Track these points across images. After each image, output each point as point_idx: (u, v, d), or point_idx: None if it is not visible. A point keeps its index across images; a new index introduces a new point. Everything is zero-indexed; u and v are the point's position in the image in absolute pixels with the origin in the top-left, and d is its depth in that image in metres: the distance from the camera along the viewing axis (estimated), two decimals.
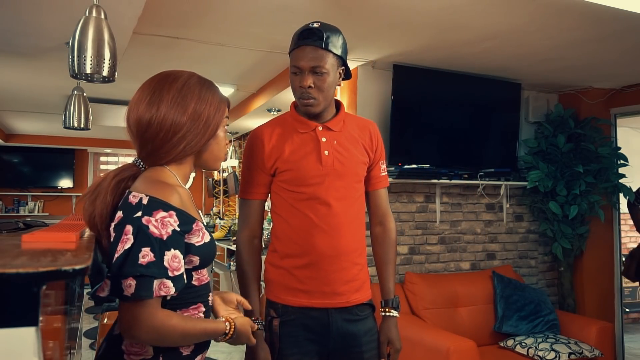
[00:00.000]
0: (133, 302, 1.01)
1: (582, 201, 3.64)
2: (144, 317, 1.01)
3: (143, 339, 1.03)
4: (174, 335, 1.06)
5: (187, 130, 1.12)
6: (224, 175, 7.02)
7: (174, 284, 1.04)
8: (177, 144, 1.13)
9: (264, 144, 1.57)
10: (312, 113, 1.54)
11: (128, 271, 1.00)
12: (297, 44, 1.51)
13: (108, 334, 1.17)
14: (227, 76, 3.91)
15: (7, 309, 0.78)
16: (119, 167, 1.19)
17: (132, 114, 1.15)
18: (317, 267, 1.52)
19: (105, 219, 1.13)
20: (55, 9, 2.33)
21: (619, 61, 3.18)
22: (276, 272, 1.58)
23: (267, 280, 1.62)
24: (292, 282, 1.54)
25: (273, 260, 1.60)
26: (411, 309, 3.22)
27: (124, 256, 1.01)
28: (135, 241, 1.01)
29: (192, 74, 1.19)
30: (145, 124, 1.12)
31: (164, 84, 1.15)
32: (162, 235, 1.03)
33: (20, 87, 4.17)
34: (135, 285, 1.00)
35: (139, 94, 1.16)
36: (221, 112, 1.19)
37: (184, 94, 1.13)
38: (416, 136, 3.45)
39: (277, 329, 1.52)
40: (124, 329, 1.03)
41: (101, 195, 1.13)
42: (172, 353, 1.11)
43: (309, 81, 1.48)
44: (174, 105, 1.12)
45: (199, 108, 1.14)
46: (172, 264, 1.04)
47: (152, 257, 1.01)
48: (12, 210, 7.44)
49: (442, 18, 2.49)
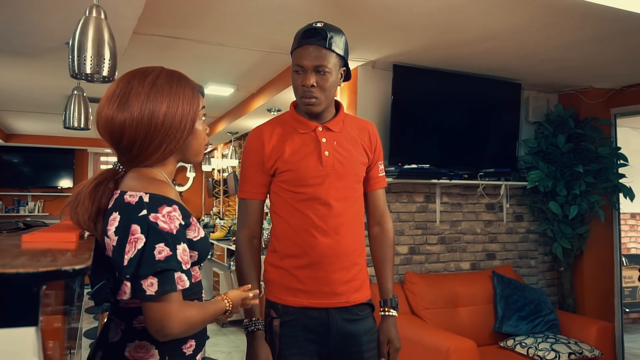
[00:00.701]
0: (159, 299, 0.99)
1: (582, 201, 3.64)
2: (173, 312, 1.00)
3: (176, 333, 1.02)
4: (198, 322, 1.07)
5: (164, 135, 1.10)
6: (224, 175, 7.02)
7: (188, 277, 1.04)
8: (156, 150, 1.11)
9: (264, 144, 1.57)
10: (313, 112, 1.54)
11: (147, 270, 0.99)
12: (300, 43, 1.51)
13: (101, 342, 1.13)
14: (227, 76, 3.91)
15: (7, 309, 0.78)
16: (97, 172, 1.18)
17: (101, 119, 1.11)
18: (317, 267, 1.52)
19: (89, 223, 1.11)
20: (55, 9, 2.33)
21: (619, 61, 3.18)
22: (276, 272, 1.58)
23: (266, 280, 1.62)
24: (292, 282, 1.54)
25: (273, 261, 1.60)
26: (411, 309, 3.22)
27: (139, 256, 0.99)
28: (148, 239, 1.00)
29: (160, 71, 1.14)
30: (118, 132, 1.09)
31: (132, 86, 1.10)
32: (172, 230, 1.03)
33: (20, 87, 4.17)
34: (158, 282, 0.99)
35: (106, 98, 1.11)
36: (195, 105, 1.15)
37: (154, 94, 1.09)
38: (416, 136, 3.45)
39: (277, 329, 1.52)
40: (156, 329, 1.01)
41: (81, 201, 1.12)
42: (177, 353, 1.11)
43: (311, 80, 1.48)
44: (146, 111, 1.08)
45: (172, 109, 1.10)
46: (184, 257, 1.04)
47: (169, 251, 1.01)
48: (12, 210, 7.44)
49: (442, 18, 2.49)
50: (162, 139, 1.10)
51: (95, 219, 1.11)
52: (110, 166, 1.19)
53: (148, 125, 1.08)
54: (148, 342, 1.08)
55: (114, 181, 1.15)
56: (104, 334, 1.14)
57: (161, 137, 1.10)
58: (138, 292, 0.99)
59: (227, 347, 4.49)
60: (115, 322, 1.12)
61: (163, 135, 1.10)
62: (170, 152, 1.14)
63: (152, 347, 1.08)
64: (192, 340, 1.14)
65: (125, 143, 1.10)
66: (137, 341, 1.08)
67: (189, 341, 1.14)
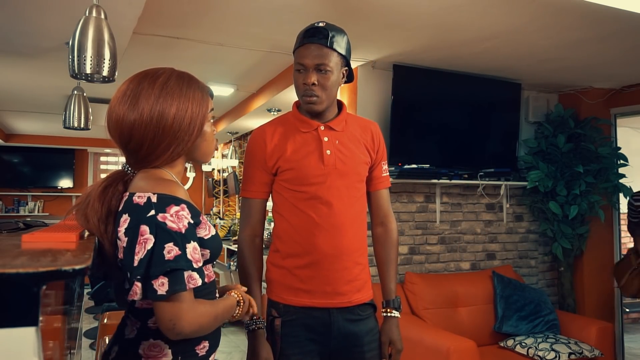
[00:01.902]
0: (170, 299, 1.00)
1: (582, 201, 3.64)
2: (184, 311, 1.00)
3: (188, 332, 1.02)
4: (210, 319, 1.07)
5: (173, 137, 1.10)
6: (224, 175, 7.01)
7: (199, 276, 1.04)
8: (165, 150, 1.11)
9: (266, 143, 1.57)
10: (315, 111, 1.54)
11: (157, 270, 0.99)
12: (301, 42, 1.51)
13: (118, 338, 1.15)
14: (227, 76, 3.91)
15: (7, 309, 0.78)
16: (107, 174, 1.18)
17: (111, 120, 1.12)
18: (319, 267, 1.52)
19: (99, 226, 1.11)
20: (55, 9, 2.33)
21: (619, 61, 3.18)
22: (278, 271, 1.58)
23: (268, 280, 1.62)
24: (293, 281, 1.54)
25: (275, 260, 1.60)
26: (411, 309, 3.22)
27: (148, 257, 1.00)
28: (157, 239, 1.00)
29: (171, 72, 1.14)
30: (127, 133, 1.09)
31: (143, 87, 1.10)
32: (181, 229, 1.03)
33: (20, 87, 4.17)
34: (169, 282, 0.99)
35: (116, 99, 1.12)
36: (204, 107, 1.16)
37: (164, 96, 1.10)
38: (416, 136, 3.45)
39: (278, 329, 1.52)
40: (168, 328, 1.01)
41: (90, 203, 1.12)
42: (190, 354, 1.11)
43: (312, 78, 1.49)
44: (155, 112, 1.08)
45: (181, 111, 1.10)
46: (195, 256, 1.04)
47: (178, 250, 1.01)
48: (12, 210, 7.44)
49: (442, 18, 2.49)
50: (170, 141, 1.11)
51: (105, 220, 1.11)
52: (118, 167, 1.19)
53: (157, 126, 1.09)
54: (162, 341, 1.09)
55: (123, 183, 1.15)
56: (121, 330, 1.15)
57: (170, 139, 1.10)
58: (149, 292, 0.99)
59: (227, 347, 4.49)
60: (131, 319, 1.13)
61: (172, 137, 1.10)
62: (178, 153, 1.14)
63: (165, 347, 1.09)
64: (206, 342, 1.15)
65: (134, 144, 1.11)
66: (151, 340, 1.09)
67: (202, 342, 1.14)
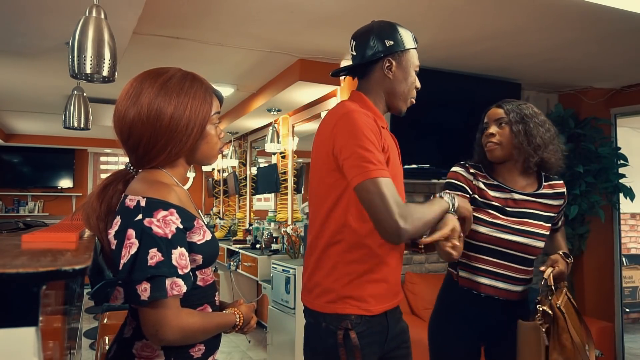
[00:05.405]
0: (152, 305, 0.99)
1: (582, 201, 3.64)
2: (168, 318, 1.00)
3: (171, 340, 1.01)
4: (197, 332, 1.06)
5: (169, 137, 1.09)
6: (224, 175, 7.01)
7: (185, 282, 1.03)
8: (161, 151, 1.10)
9: (379, 126, 1.45)
10: (402, 113, 1.71)
11: (139, 275, 0.98)
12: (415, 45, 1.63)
13: (118, 336, 1.15)
14: (227, 76, 3.91)
15: (7, 309, 0.78)
16: (111, 173, 1.19)
17: (115, 116, 1.13)
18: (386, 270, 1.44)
19: (97, 224, 1.11)
20: (55, 9, 2.33)
21: (619, 61, 3.18)
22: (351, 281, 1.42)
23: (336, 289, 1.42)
24: (362, 289, 1.40)
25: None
26: (411, 309, 3.22)
27: (132, 261, 0.99)
28: (141, 244, 1.00)
29: (175, 72, 1.13)
30: (127, 129, 1.10)
31: (144, 85, 1.10)
32: (167, 234, 1.02)
33: (20, 87, 4.17)
34: (150, 288, 0.98)
35: (121, 96, 1.12)
36: (207, 108, 1.13)
37: (163, 95, 1.09)
38: (416, 136, 3.45)
39: (356, 342, 1.37)
40: (151, 334, 1.01)
41: (89, 202, 1.12)
42: (184, 356, 1.10)
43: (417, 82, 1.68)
44: (153, 110, 1.08)
45: (179, 111, 1.09)
46: (180, 262, 1.03)
47: (161, 256, 1.00)
48: (12, 210, 7.44)
49: (442, 18, 2.49)
50: (167, 140, 1.09)
51: (105, 219, 1.11)
52: (117, 167, 1.19)
53: (154, 124, 1.08)
54: None
55: (123, 182, 1.15)
56: (121, 329, 1.16)
57: (166, 138, 1.09)
58: (133, 297, 0.99)
59: (227, 347, 4.49)
60: (129, 319, 1.13)
61: (168, 136, 1.09)
62: (176, 154, 1.12)
63: (158, 348, 1.08)
64: (201, 345, 1.13)
65: (132, 141, 1.11)
66: (144, 340, 1.08)
67: (197, 345, 1.12)
